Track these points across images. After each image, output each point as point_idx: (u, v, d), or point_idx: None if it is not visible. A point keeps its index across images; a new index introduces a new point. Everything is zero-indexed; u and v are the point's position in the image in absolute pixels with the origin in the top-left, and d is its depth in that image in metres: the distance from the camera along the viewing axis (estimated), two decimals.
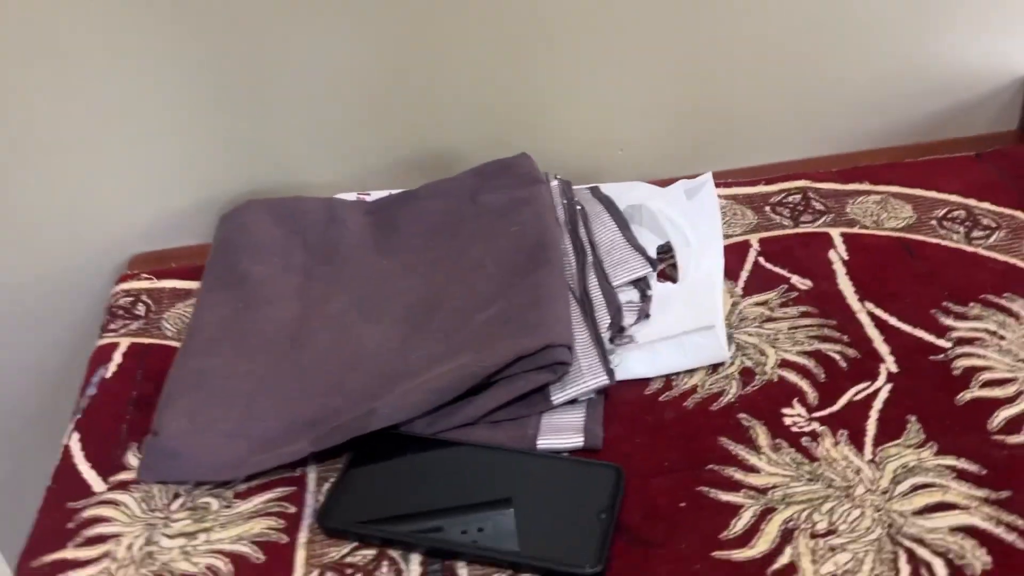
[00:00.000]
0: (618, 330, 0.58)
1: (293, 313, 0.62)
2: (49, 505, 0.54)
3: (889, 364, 0.57)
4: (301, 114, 0.73)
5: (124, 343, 0.65)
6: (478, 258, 0.63)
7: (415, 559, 0.48)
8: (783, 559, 0.46)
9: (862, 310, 0.62)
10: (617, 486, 0.50)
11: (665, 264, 0.66)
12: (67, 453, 0.57)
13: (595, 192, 0.70)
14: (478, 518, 0.49)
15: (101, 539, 0.51)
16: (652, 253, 0.64)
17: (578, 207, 0.67)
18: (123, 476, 0.55)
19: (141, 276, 0.72)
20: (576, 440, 0.53)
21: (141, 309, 0.69)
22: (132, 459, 0.56)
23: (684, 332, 0.57)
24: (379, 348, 0.59)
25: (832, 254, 0.67)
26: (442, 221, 0.68)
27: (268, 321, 0.62)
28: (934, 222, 0.69)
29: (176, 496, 0.53)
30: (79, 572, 0.49)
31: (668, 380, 0.57)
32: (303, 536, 0.50)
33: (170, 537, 0.51)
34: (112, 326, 0.67)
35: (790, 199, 0.73)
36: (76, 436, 0.58)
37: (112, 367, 0.63)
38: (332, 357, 0.59)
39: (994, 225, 0.68)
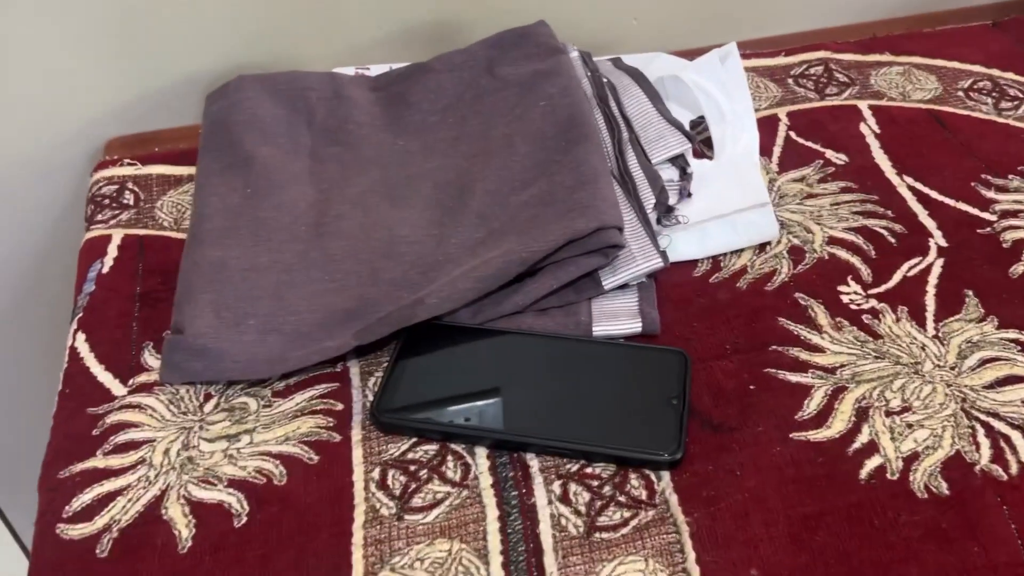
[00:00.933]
0: (665, 210, 0.55)
1: (309, 198, 0.58)
2: (66, 412, 0.50)
3: (938, 238, 0.56)
4: None
5: (117, 235, 0.60)
6: (505, 136, 0.59)
7: (481, 452, 0.46)
8: (862, 438, 0.45)
9: (902, 184, 0.60)
10: (684, 371, 0.48)
11: (697, 140, 0.63)
12: (75, 355, 0.52)
13: (618, 63, 0.66)
14: (542, 408, 0.47)
15: (133, 445, 0.47)
16: (687, 128, 0.60)
17: (604, 80, 0.63)
18: (144, 378, 0.51)
19: (123, 162, 0.66)
20: (634, 325, 0.51)
21: (129, 198, 0.63)
22: (151, 359, 0.52)
23: (736, 210, 0.55)
24: (412, 235, 0.55)
25: (863, 127, 0.65)
26: (458, 96, 0.63)
27: (283, 207, 0.57)
28: (961, 93, 0.68)
29: (208, 397, 0.49)
30: (114, 480, 0.46)
31: (716, 261, 0.55)
32: (356, 433, 0.47)
33: (210, 441, 0.47)
34: (99, 217, 0.61)
35: (812, 71, 0.70)
36: (82, 337, 0.53)
37: (108, 261, 0.58)
38: (362, 245, 0.54)
39: (1021, 96, 0.67)
